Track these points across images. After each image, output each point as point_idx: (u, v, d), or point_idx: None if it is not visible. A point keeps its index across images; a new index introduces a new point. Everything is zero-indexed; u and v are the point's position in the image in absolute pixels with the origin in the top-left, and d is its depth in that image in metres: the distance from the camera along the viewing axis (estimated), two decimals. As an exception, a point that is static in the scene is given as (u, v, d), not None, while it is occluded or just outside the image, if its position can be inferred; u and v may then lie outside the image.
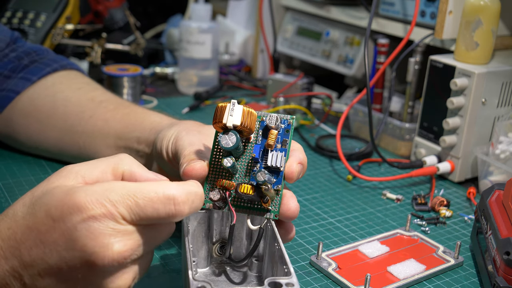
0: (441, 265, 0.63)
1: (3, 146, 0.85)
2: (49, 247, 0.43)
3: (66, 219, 0.42)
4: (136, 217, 0.44)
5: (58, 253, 0.43)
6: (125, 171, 0.48)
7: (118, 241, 0.43)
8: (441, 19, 0.88)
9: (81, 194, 0.43)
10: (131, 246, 0.44)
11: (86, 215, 0.42)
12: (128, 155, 0.50)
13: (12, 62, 0.80)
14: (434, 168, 0.84)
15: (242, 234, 0.57)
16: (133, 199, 0.44)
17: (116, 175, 0.48)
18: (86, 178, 0.46)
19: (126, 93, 1.05)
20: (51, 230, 0.43)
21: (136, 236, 0.44)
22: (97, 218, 0.42)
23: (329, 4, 1.16)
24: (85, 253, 0.42)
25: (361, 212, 0.75)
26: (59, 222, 0.43)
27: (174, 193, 0.45)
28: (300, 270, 0.62)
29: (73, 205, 0.43)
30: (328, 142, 0.98)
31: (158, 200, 0.44)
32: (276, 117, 0.53)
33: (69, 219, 0.42)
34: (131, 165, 0.49)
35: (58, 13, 1.13)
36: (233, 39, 1.36)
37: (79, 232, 0.42)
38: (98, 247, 0.42)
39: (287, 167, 0.53)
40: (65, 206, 0.43)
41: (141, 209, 0.44)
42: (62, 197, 0.43)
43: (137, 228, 0.44)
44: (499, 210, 0.62)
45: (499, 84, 0.83)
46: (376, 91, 1.00)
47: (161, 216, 0.44)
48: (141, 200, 0.44)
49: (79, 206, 0.42)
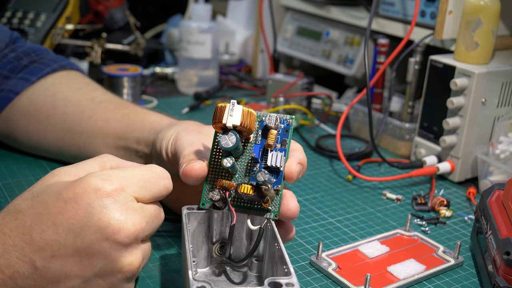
0: (441, 265, 0.63)
1: (3, 146, 0.85)
2: (63, 227, 0.44)
3: (79, 198, 0.44)
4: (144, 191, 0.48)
5: (72, 232, 0.44)
6: (113, 166, 0.51)
7: (130, 215, 0.46)
8: (441, 19, 0.88)
9: (90, 177, 0.46)
10: (141, 222, 0.46)
11: (100, 193, 0.45)
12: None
13: (11, 63, 0.80)
14: (434, 168, 0.84)
15: (242, 234, 0.57)
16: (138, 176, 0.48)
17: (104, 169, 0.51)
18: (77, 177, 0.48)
19: (126, 93, 1.05)
20: (63, 211, 0.44)
21: (143, 213, 0.47)
22: (110, 194, 0.45)
23: (329, 4, 1.16)
24: (100, 227, 0.44)
25: (361, 212, 0.75)
26: (71, 202, 0.44)
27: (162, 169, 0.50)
28: (300, 270, 0.62)
29: (85, 185, 0.45)
30: (328, 142, 0.98)
31: (156, 175, 0.49)
32: (276, 117, 0.53)
33: (82, 198, 0.44)
34: (116, 160, 0.52)
35: (58, 13, 1.13)
36: (233, 39, 1.36)
37: (94, 209, 0.44)
38: (113, 220, 0.44)
39: (286, 168, 0.53)
40: (77, 187, 0.45)
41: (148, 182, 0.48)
42: (71, 182, 0.46)
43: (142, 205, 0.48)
44: (499, 210, 0.62)
45: (499, 84, 0.83)
46: (376, 91, 1.00)
47: (161, 190, 0.49)
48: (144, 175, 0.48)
49: (91, 185, 0.45)
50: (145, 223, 0.47)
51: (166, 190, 0.50)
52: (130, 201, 0.46)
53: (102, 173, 0.46)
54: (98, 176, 0.46)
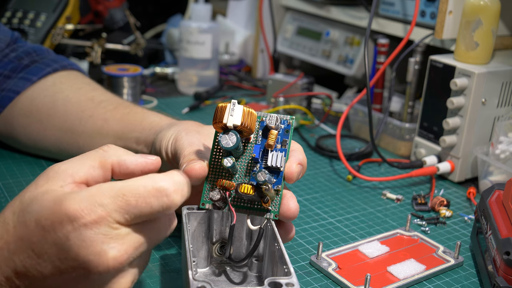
0: (441, 265, 0.63)
1: (3, 146, 0.85)
2: (43, 258, 0.42)
3: (57, 229, 0.41)
4: (131, 216, 0.42)
5: (52, 263, 0.42)
6: (114, 162, 0.47)
7: (112, 247, 0.42)
8: (441, 19, 0.88)
9: (70, 202, 0.41)
10: (126, 250, 0.42)
11: (77, 224, 0.41)
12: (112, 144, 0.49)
13: (12, 62, 0.80)
14: (434, 168, 0.84)
15: (242, 234, 0.57)
16: (123, 199, 0.42)
17: (105, 168, 0.47)
18: (75, 177, 0.45)
19: (126, 93, 1.05)
20: (42, 240, 0.42)
21: (132, 238, 0.43)
22: (88, 226, 0.41)
23: (329, 4, 1.16)
24: (79, 262, 0.41)
25: (361, 212, 0.75)
26: (50, 232, 0.41)
27: (164, 185, 0.43)
28: (300, 270, 0.62)
29: (63, 214, 0.41)
30: (328, 142, 0.98)
31: (149, 194, 0.42)
32: (276, 117, 0.53)
33: (60, 229, 0.41)
34: (118, 155, 0.48)
35: (58, 13, 1.13)
36: (233, 39, 1.36)
37: (71, 242, 0.41)
38: (92, 255, 0.41)
39: (286, 168, 0.53)
40: (54, 216, 0.41)
41: (134, 206, 0.42)
42: (51, 205, 0.42)
43: (133, 228, 0.43)
44: (499, 210, 0.62)
45: (499, 84, 0.83)
46: (376, 91, 1.00)
47: (155, 210, 0.43)
48: (132, 198, 0.42)
49: (69, 215, 0.41)
50: (133, 249, 0.43)
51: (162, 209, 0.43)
52: (113, 230, 0.42)
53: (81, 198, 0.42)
54: (77, 203, 0.41)
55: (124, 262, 0.42)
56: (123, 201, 0.42)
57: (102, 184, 0.43)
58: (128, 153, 0.48)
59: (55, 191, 0.43)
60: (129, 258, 0.43)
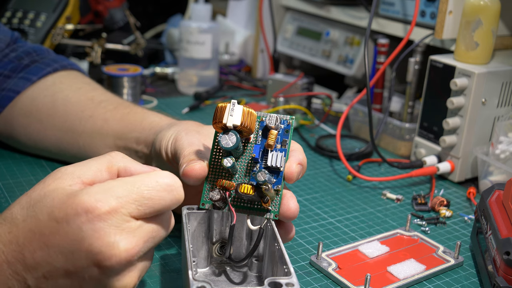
0: (441, 265, 0.63)
1: (3, 146, 0.85)
2: (54, 249, 0.42)
3: (70, 220, 0.42)
4: (144, 208, 0.44)
5: (63, 255, 0.42)
6: (120, 167, 0.48)
7: (124, 238, 0.43)
8: (441, 19, 0.88)
9: (85, 196, 0.43)
10: (137, 243, 0.44)
11: (91, 215, 0.42)
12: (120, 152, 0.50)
13: (12, 62, 0.80)
14: (434, 168, 0.84)
15: (242, 234, 0.57)
16: (138, 191, 0.44)
17: (111, 173, 0.48)
18: (83, 178, 0.46)
19: (126, 93, 1.05)
20: (55, 232, 0.42)
21: (142, 231, 0.44)
22: (102, 217, 0.42)
23: (329, 4, 1.16)
24: (91, 253, 0.42)
25: (361, 212, 0.76)
26: (63, 223, 0.42)
27: (170, 181, 0.46)
28: (300, 270, 0.62)
29: (77, 206, 0.42)
30: (328, 142, 0.98)
31: (161, 188, 0.45)
32: (276, 117, 0.53)
33: (73, 220, 0.42)
34: (124, 161, 0.49)
35: (58, 13, 1.13)
36: (233, 39, 1.36)
37: (85, 233, 0.42)
38: (104, 247, 0.42)
39: (286, 168, 0.53)
40: (69, 208, 0.42)
41: (148, 199, 0.44)
42: (65, 199, 0.43)
43: (142, 222, 0.44)
44: (499, 210, 0.62)
45: (499, 84, 0.83)
46: (376, 91, 1.00)
47: (166, 204, 0.45)
48: (146, 191, 0.44)
49: (83, 206, 0.42)
50: (143, 242, 0.44)
51: (172, 203, 0.46)
52: (125, 222, 0.43)
53: (96, 191, 0.43)
54: (92, 195, 0.43)
55: (135, 255, 0.44)
56: (138, 193, 0.44)
57: (114, 180, 0.45)
58: (133, 161, 0.49)
59: (64, 189, 0.44)
60: (140, 252, 0.44)
